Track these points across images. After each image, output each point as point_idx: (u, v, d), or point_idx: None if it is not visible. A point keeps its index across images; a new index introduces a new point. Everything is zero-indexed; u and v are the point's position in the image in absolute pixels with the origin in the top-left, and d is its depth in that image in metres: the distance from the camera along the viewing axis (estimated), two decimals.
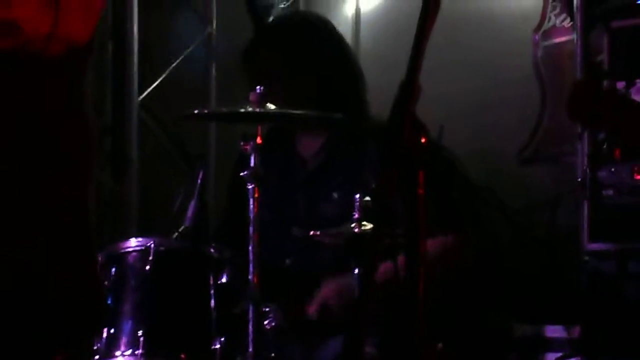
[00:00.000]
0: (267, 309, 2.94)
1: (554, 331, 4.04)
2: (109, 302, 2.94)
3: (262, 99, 2.95)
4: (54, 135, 2.26)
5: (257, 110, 2.94)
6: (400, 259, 1.78)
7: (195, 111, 3.35)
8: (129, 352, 2.84)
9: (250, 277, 2.86)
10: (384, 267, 2.28)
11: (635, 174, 3.68)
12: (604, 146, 3.73)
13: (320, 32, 3.50)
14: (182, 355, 2.85)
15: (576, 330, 3.87)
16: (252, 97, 2.97)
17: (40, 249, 2.26)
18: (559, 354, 3.95)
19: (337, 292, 3.14)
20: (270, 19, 4.76)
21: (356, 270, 2.91)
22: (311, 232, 3.05)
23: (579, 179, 3.78)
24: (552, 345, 4.02)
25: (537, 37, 4.79)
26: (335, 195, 3.35)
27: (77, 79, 2.34)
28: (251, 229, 2.88)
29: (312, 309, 3.13)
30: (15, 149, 2.24)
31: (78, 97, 2.33)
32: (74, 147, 2.30)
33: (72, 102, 2.32)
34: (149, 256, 2.91)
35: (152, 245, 2.92)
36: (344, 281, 3.15)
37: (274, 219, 3.32)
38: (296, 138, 3.51)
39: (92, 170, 2.49)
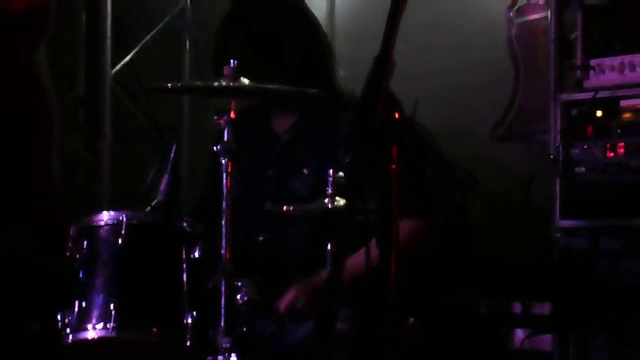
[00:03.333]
0: (239, 284, 2.94)
1: (525, 307, 4.07)
2: (80, 275, 2.93)
3: (236, 73, 2.94)
4: (14, 104, 2.24)
5: (231, 84, 2.93)
6: (372, 243, 1.78)
7: (169, 84, 3.34)
8: (101, 325, 2.84)
9: (222, 251, 2.86)
10: (354, 262, 2.25)
11: (607, 152, 3.69)
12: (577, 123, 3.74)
13: (290, 8, 3.49)
14: (154, 329, 2.85)
15: (546, 307, 3.89)
16: (226, 71, 2.96)
17: (9, 222, 2.25)
18: (530, 330, 3.97)
19: (305, 293, 3.13)
20: None
21: (329, 246, 2.92)
22: (284, 208, 3.05)
23: (552, 157, 3.80)
24: (523, 321, 4.04)
25: (511, 14, 4.80)
26: (305, 171, 3.34)
27: (36, 48, 2.32)
28: (224, 203, 2.88)
29: (282, 308, 3.13)
30: None
31: (37, 68, 2.31)
32: (30, 107, 2.28)
33: (32, 72, 2.30)
34: (121, 230, 2.90)
35: (125, 219, 2.91)
36: (313, 282, 3.15)
37: (247, 194, 3.32)
38: (270, 116, 3.50)
39: (54, 142, 2.47)
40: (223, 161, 2.89)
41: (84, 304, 2.87)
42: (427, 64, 4.74)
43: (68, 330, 2.86)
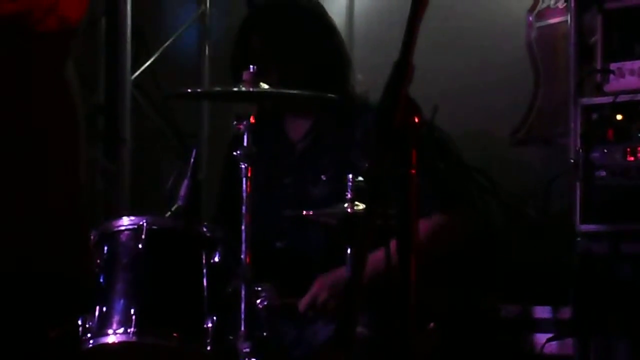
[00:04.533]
0: (259, 288, 2.94)
1: (544, 312, 4.05)
2: (101, 280, 2.94)
3: (255, 79, 2.95)
4: (44, 115, 2.27)
5: (250, 89, 2.94)
6: (392, 244, 1.78)
7: (188, 90, 3.35)
8: (121, 330, 2.85)
9: (242, 256, 2.86)
10: (374, 258, 2.26)
11: (628, 155, 3.68)
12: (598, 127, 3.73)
13: (308, 15, 3.49)
14: (174, 334, 2.86)
15: (567, 312, 3.88)
16: (245, 76, 2.97)
17: (27, 227, 2.26)
18: (550, 335, 3.96)
19: (328, 287, 3.13)
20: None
21: (348, 251, 2.92)
22: (304, 212, 3.06)
23: (572, 160, 3.79)
24: (542, 326, 4.03)
25: (531, 18, 4.78)
26: (323, 177, 3.35)
27: (66, 61, 2.34)
28: (244, 208, 2.88)
29: (303, 305, 3.13)
30: (4, 127, 2.25)
31: (66, 80, 2.33)
32: (61, 129, 2.31)
33: (61, 85, 2.33)
34: (142, 235, 2.91)
35: (145, 224, 2.92)
36: (335, 276, 3.15)
37: (264, 200, 3.32)
38: (284, 121, 3.51)
39: (79, 149, 2.50)
40: (243, 166, 2.90)
41: (104, 309, 2.88)
42: (447, 66, 4.73)
43: (89, 335, 2.88)
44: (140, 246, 2.91)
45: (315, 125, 3.43)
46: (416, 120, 1.68)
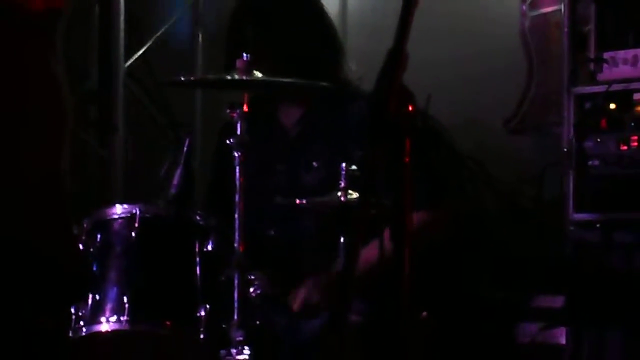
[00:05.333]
0: (252, 277, 2.94)
1: (537, 301, 4.06)
2: (94, 268, 2.94)
3: (249, 67, 2.94)
4: (27, 98, 2.26)
5: (244, 77, 2.93)
6: (386, 233, 1.78)
7: (182, 78, 3.34)
8: (114, 318, 2.84)
9: (235, 244, 2.86)
10: (367, 249, 2.25)
11: (621, 145, 3.68)
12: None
13: (302, 5, 3.49)
14: (167, 322, 2.85)
15: (559, 300, 3.88)
16: (238, 64, 2.96)
17: (13, 214, 2.25)
18: (542, 324, 3.96)
19: (319, 288, 3.13)
20: None
21: (341, 239, 2.92)
22: (297, 201, 3.05)
23: (565, 149, 3.79)
24: (534, 315, 4.03)
25: (524, 6, 4.78)
26: (315, 164, 3.34)
27: (51, 46, 2.34)
28: (237, 196, 2.88)
29: (295, 306, 3.13)
30: None
31: (51, 64, 2.33)
32: (45, 111, 2.30)
33: (46, 68, 2.32)
34: (135, 223, 2.91)
35: (138, 212, 2.92)
36: (324, 277, 3.15)
37: (257, 188, 3.32)
38: (277, 107, 3.50)
39: (65, 137, 2.50)
40: (236, 154, 2.89)
41: (97, 297, 2.88)
42: (440, 55, 4.73)
43: (82, 323, 2.87)
44: (133, 234, 2.90)
45: (308, 112, 3.43)
46: (410, 108, 1.68)
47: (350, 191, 2.94)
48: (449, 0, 4.81)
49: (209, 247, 2.93)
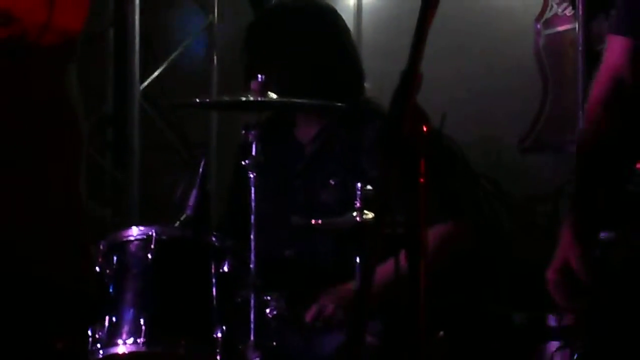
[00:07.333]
0: (268, 298, 2.94)
1: (555, 320, 4.04)
2: (110, 290, 2.94)
3: (264, 88, 2.95)
4: (44, 125, 2.27)
5: (259, 99, 2.94)
6: (402, 255, 1.77)
7: (197, 99, 3.35)
8: (131, 340, 2.84)
9: (251, 265, 2.86)
10: (383, 270, 2.24)
11: (636, 163, 3.67)
12: None
13: (323, 19, 3.47)
14: (184, 343, 2.86)
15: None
16: (253, 85, 2.97)
17: (31, 240, 2.26)
18: (563, 342, 3.95)
19: (335, 300, 3.13)
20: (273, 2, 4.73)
21: (357, 260, 2.92)
22: (312, 221, 3.05)
23: None
24: (553, 334, 4.02)
25: (539, 25, 4.79)
26: (332, 182, 3.34)
27: (67, 71, 2.35)
28: (252, 217, 2.88)
29: (309, 316, 3.12)
30: (5, 137, 2.25)
31: (67, 89, 2.34)
32: (61, 137, 2.31)
33: (62, 94, 2.33)
34: (151, 244, 2.91)
35: (154, 234, 2.92)
36: (342, 290, 3.15)
37: (273, 208, 3.32)
38: (294, 123, 3.49)
39: (81, 161, 2.51)
40: (251, 175, 2.90)
41: (114, 319, 2.88)
42: (455, 73, 4.74)
43: (98, 345, 2.88)
44: (149, 256, 2.91)
45: (325, 129, 3.42)
46: (424, 128, 1.68)
47: (365, 211, 2.94)
48: (464, 21, 4.82)
49: (225, 268, 2.93)
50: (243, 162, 2.91)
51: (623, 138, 2.43)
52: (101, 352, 2.87)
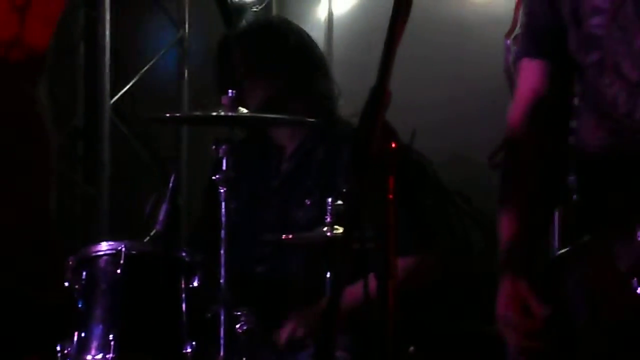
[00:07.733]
0: (238, 313, 2.94)
1: None
2: (80, 305, 2.93)
3: (234, 103, 2.95)
4: (11, 139, 2.27)
5: (230, 114, 2.94)
6: (371, 277, 1.77)
7: (167, 114, 3.35)
8: (100, 355, 2.83)
9: (221, 281, 2.86)
10: (352, 291, 2.24)
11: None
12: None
13: (290, 31, 3.48)
14: (153, 359, 2.85)
15: None
16: (224, 100, 2.97)
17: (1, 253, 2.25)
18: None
19: (304, 322, 3.12)
20: (244, 22, 4.74)
21: (328, 275, 2.92)
22: (283, 236, 3.05)
23: None
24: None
25: (508, 41, 4.81)
26: (308, 201, 3.33)
27: (33, 87, 2.35)
28: (223, 232, 2.88)
29: (281, 342, 3.12)
30: None
31: (35, 104, 2.34)
32: (30, 152, 2.31)
33: (30, 109, 2.33)
34: (120, 260, 2.90)
35: (124, 249, 2.91)
36: (310, 311, 3.15)
37: (246, 223, 3.31)
38: (272, 137, 3.47)
39: (51, 177, 2.51)
40: (221, 190, 2.90)
41: (83, 335, 2.87)
42: (424, 92, 4.76)
43: None
44: (118, 271, 2.90)
45: (301, 146, 3.41)
46: (393, 145, 1.69)
47: (336, 226, 2.94)
48: (433, 38, 4.84)
49: (195, 284, 2.92)
50: (213, 177, 2.91)
51: (553, 155, 2.46)
52: None
